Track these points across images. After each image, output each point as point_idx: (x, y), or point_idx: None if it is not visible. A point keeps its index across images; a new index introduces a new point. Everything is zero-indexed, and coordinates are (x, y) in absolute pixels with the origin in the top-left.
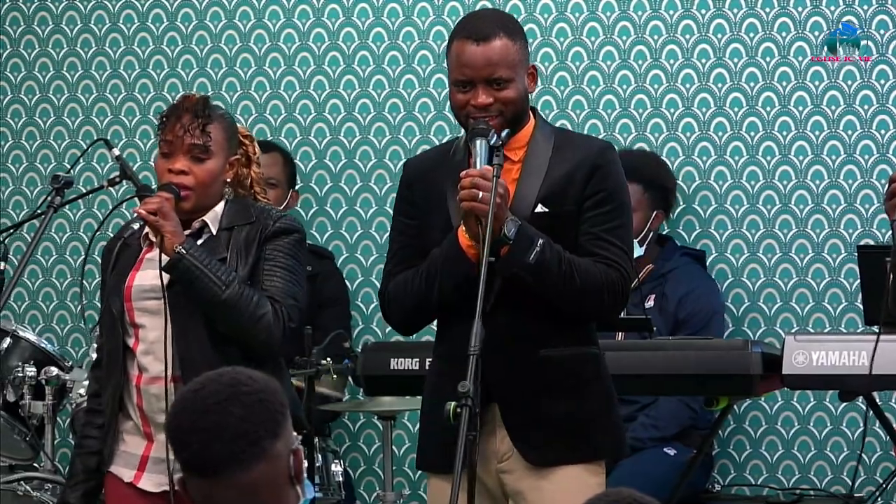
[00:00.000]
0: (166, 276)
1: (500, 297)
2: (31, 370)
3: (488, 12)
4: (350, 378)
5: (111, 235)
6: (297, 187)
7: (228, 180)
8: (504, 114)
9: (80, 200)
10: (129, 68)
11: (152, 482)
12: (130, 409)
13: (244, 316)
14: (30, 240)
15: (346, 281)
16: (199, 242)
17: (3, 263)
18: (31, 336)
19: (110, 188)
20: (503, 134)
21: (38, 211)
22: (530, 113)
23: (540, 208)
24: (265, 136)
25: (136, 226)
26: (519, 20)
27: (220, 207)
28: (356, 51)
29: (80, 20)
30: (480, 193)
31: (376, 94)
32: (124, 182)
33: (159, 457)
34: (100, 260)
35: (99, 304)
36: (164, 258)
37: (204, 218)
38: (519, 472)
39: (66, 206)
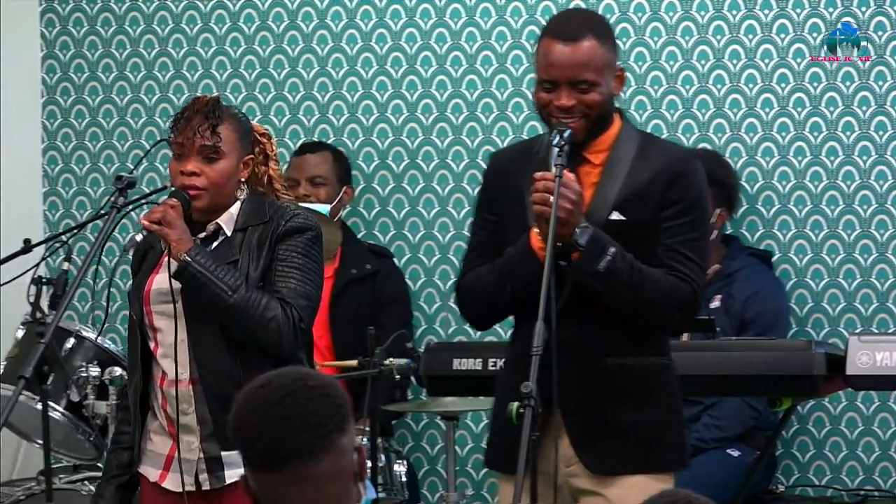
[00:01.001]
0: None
1: (569, 303)
2: (94, 370)
3: (579, 13)
4: (413, 378)
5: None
6: (355, 186)
7: (243, 180)
8: (588, 116)
9: (143, 201)
10: (192, 69)
11: (177, 482)
12: (157, 410)
13: (252, 320)
14: (93, 240)
15: (409, 281)
16: (215, 244)
17: (66, 264)
18: (95, 336)
19: (173, 188)
20: (565, 134)
21: (102, 211)
22: (616, 115)
23: (616, 215)
24: (328, 137)
25: (139, 237)
26: (612, 19)
27: (235, 208)
28: (418, 51)
29: (143, 21)
30: (551, 197)
31: (439, 95)
32: None
33: (185, 457)
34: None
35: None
36: (175, 265)
37: (218, 220)
38: (585, 477)
39: (130, 207)
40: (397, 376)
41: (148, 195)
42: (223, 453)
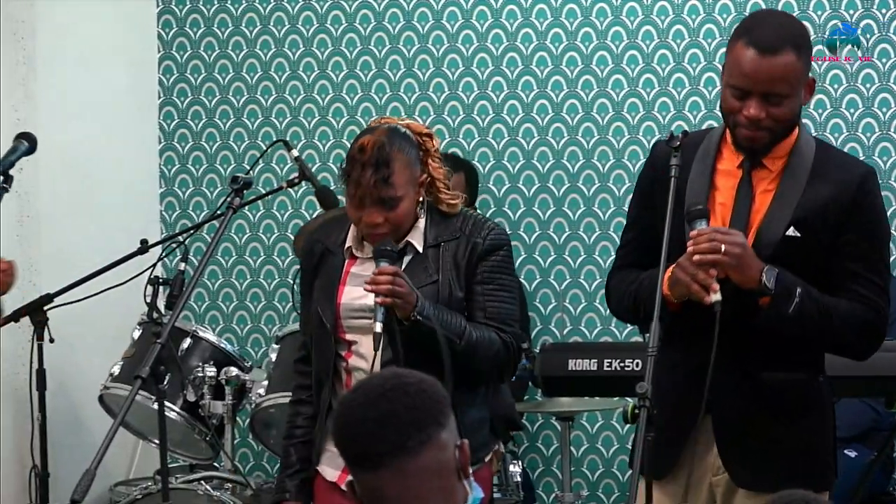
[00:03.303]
0: (371, 297)
1: (726, 317)
2: (210, 370)
3: (778, 19)
4: (528, 379)
5: (291, 236)
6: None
7: (421, 199)
8: (773, 129)
9: (259, 201)
10: (308, 70)
11: None
12: None
13: (479, 358)
14: (210, 240)
15: (524, 281)
16: (407, 260)
17: (183, 264)
18: (211, 336)
19: (289, 189)
20: (678, 134)
21: (218, 212)
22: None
23: (792, 231)
24: (443, 137)
25: (378, 327)
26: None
27: (422, 223)
28: (534, 52)
29: (259, 22)
30: (723, 247)
31: (554, 96)
32: (303, 183)
33: None
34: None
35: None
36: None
37: (408, 239)
38: (730, 490)
39: (246, 207)
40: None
41: (264, 195)
42: None
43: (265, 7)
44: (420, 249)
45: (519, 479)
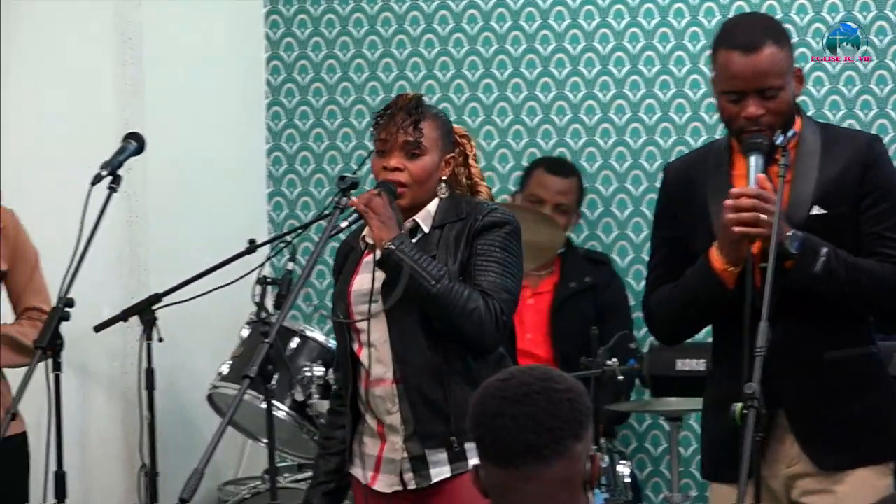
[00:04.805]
0: (379, 280)
1: (779, 302)
2: (318, 370)
3: (752, 18)
4: (636, 379)
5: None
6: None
7: (444, 178)
8: (773, 125)
9: None
10: (415, 70)
11: (384, 483)
12: (363, 410)
13: (454, 311)
14: (317, 240)
15: (632, 281)
16: (413, 241)
17: (291, 264)
18: (319, 336)
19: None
20: (789, 134)
21: (326, 212)
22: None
23: (816, 210)
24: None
25: (344, 223)
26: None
27: (432, 206)
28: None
29: (367, 22)
30: (763, 216)
31: (662, 95)
32: None
33: (390, 458)
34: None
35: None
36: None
37: (415, 217)
38: (808, 477)
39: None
40: (620, 377)
41: None
42: (427, 451)
43: (372, 7)
44: (426, 230)
45: (627, 479)
